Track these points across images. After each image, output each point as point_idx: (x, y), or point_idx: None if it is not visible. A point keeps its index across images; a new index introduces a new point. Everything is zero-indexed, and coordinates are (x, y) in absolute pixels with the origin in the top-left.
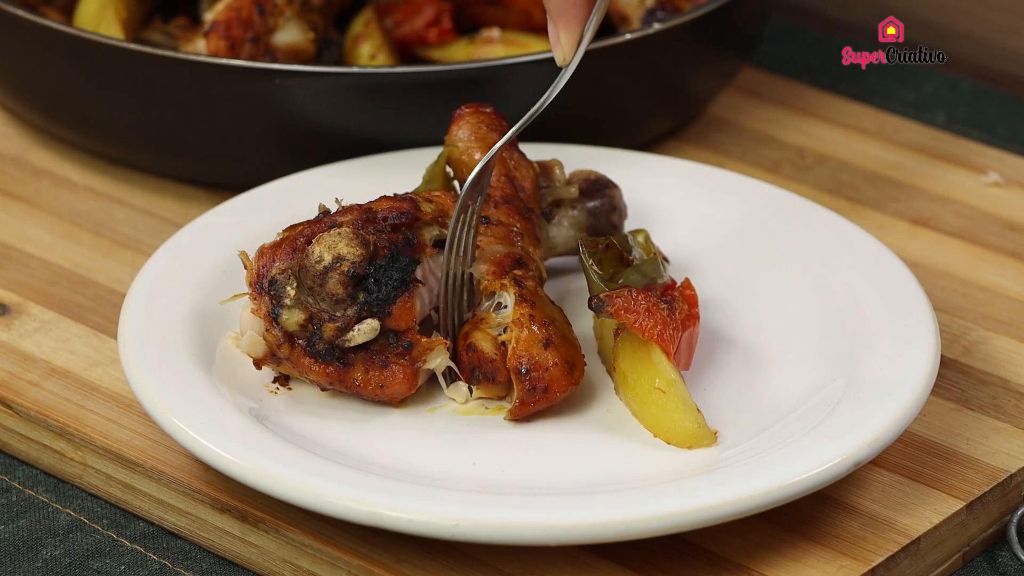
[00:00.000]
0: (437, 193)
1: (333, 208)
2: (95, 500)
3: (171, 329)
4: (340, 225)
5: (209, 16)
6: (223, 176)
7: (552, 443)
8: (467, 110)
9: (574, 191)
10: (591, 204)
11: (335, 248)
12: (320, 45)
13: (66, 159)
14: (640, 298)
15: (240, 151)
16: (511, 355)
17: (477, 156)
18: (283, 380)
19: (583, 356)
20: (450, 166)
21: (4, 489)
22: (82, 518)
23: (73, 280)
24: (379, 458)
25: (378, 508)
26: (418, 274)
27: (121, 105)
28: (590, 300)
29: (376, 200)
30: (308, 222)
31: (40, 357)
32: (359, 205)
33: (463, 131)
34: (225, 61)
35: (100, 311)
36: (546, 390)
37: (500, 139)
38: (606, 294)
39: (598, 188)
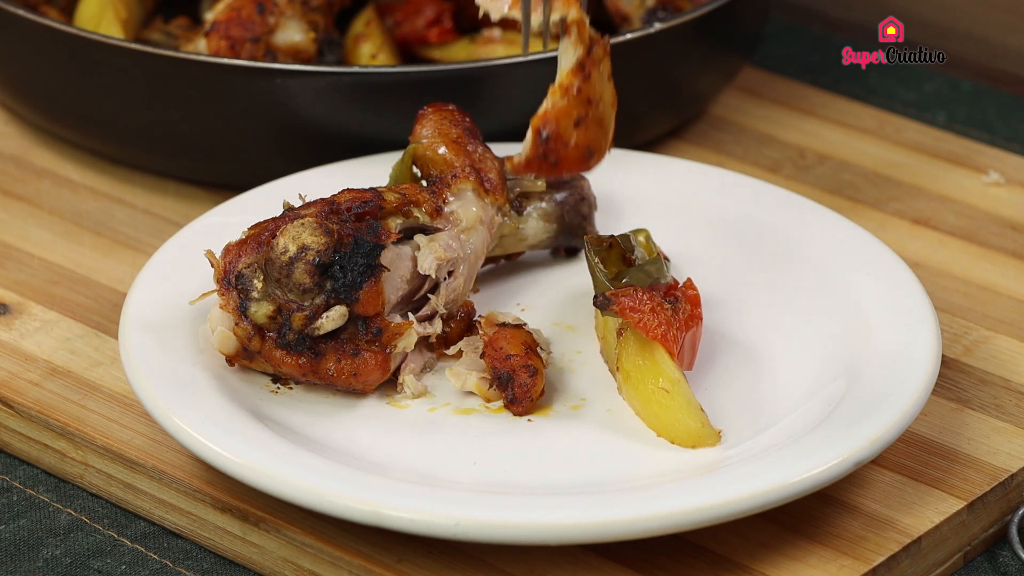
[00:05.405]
0: (405, 185)
1: (297, 205)
2: (96, 500)
3: (172, 329)
4: (303, 217)
5: (210, 16)
6: (223, 176)
7: (554, 442)
8: (430, 109)
9: (541, 184)
10: (559, 195)
11: (299, 238)
12: (321, 45)
13: (67, 159)
14: (645, 298)
15: (240, 151)
16: (539, 115)
17: (441, 151)
18: (284, 379)
19: (611, 142)
20: (416, 164)
21: (5, 489)
22: (83, 518)
23: (74, 280)
24: (380, 457)
25: (379, 507)
26: (384, 260)
27: (122, 105)
28: (595, 298)
29: (338, 193)
30: (273, 218)
31: (41, 357)
32: (322, 199)
33: (427, 129)
34: (226, 61)
35: (101, 311)
36: (556, 164)
37: (463, 134)
38: (611, 292)
39: (566, 180)
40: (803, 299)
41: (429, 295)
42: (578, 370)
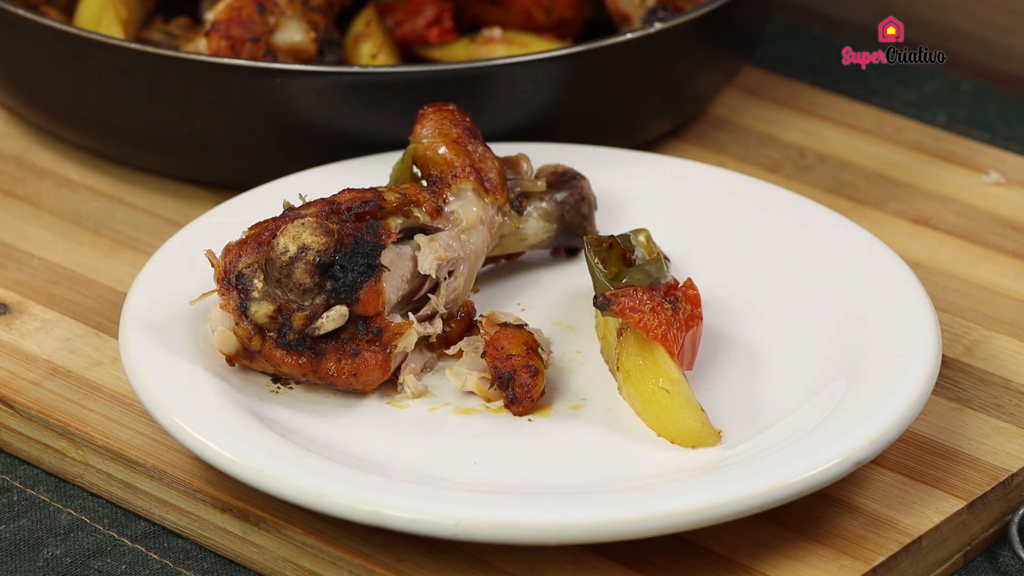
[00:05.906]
0: (405, 185)
1: (297, 205)
2: (96, 500)
3: (172, 329)
4: (303, 217)
5: (210, 16)
6: (223, 176)
7: (554, 442)
8: (430, 109)
9: (541, 184)
10: (559, 195)
11: (300, 238)
12: (321, 45)
13: (67, 159)
14: (645, 297)
15: (240, 151)
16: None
17: (441, 151)
18: (284, 379)
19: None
20: (416, 164)
21: (5, 489)
22: (83, 518)
23: (74, 280)
24: (380, 457)
25: (379, 507)
26: (384, 260)
27: (122, 105)
28: (595, 298)
29: (338, 193)
30: (273, 218)
31: (41, 357)
32: (322, 199)
33: (427, 129)
34: (226, 61)
35: (101, 311)
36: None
37: (463, 134)
38: (611, 292)
39: (566, 180)
40: (803, 299)
41: (429, 295)
42: (578, 370)
